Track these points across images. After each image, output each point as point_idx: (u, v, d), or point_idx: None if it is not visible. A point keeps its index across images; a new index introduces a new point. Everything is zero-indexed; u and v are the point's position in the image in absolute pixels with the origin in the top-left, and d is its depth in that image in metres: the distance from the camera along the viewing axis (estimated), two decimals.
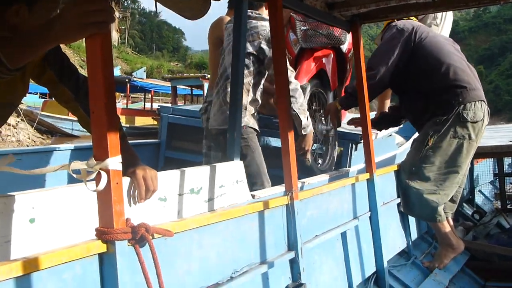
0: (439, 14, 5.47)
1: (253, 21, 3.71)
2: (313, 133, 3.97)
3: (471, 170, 7.41)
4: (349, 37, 4.70)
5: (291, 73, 3.65)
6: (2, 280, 1.31)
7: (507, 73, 79.23)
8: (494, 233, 6.24)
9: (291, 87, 3.54)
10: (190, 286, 2.03)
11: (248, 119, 3.64)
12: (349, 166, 4.52)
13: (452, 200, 4.60)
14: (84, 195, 1.79)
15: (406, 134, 6.28)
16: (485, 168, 8.45)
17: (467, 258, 5.15)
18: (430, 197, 4.30)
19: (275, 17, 2.77)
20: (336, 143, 4.73)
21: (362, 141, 4.32)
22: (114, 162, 1.53)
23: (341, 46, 4.74)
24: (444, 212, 4.53)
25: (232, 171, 2.73)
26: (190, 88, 24.63)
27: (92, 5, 1.47)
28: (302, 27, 4.56)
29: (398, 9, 3.73)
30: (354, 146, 4.60)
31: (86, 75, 2.24)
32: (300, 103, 3.71)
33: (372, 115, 5.08)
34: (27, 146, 16.52)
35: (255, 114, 3.80)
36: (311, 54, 4.52)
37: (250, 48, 3.64)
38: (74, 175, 1.57)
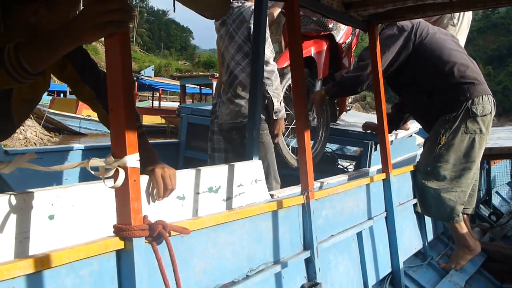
0: (456, 15, 5.44)
1: (246, 3, 3.78)
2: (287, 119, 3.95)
3: (488, 171, 7.37)
4: (344, 28, 4.73)
5: (270, 55, 3.64)
6: (21, 275, 1.33)
7: None
8: (511, 235, 6.18)
9: (267, 68, 3.54)
10: (206, 284, 2.03)
11: (262, 111, 3.56)
12: (369, 166, 4.51)
13: (470, 196, 4.57)
14: (103, 192, 1.80)
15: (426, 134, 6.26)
16: (502, 169, 8.37)
17: (483, 260, 5.10)
18: (448, 195, 4.30)
19: (292, 18, 2.77)
20: (324, 136, 4.65)
21: None
22: (132, 159, 1.54)
23: (335, 36, 4.71)
24: (465, 209, 4.54)
25: (251, 170, 2.73)
26: (199, 86, 24.66)
27: (111, 4, 1.48)
28: None
29: (415, 9, 3.71)
30: (374, 146, 4.58)
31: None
32: (275, 86, 3.67)
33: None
34: (35, 143, 16.62)
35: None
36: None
37: (241, 36, 3.68)
38: (93, 172, 1.58)
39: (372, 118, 5.04)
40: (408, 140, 5.57)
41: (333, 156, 5.10)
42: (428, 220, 4.77)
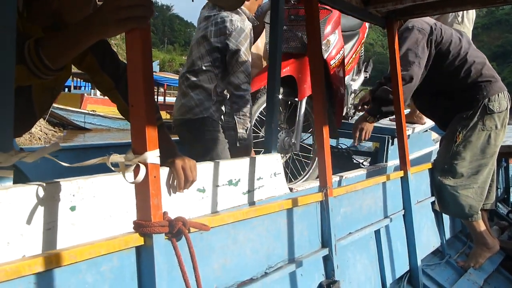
0: (460, 12, 5.37)
1: (224, 13, 3.58)
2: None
3: (507, 169, 7.31)
4: (334, 42, 4.30)
5: (244, 79, 3.47)
6: (42, 271, 1.33)
7: None
8: None
9: (237, 92, 3.45)
10: (225, 281, 2.03)
11: (214, 112, 3.50)
12: (386, 161, 4.48)
13: (488, 191, 4.55)
14: (124, 184, 1.80)
15: (441, 131, 6.21)
16: None
17: (502, 258, 5.06)
18: (465, 192, 4.30)
19: (312, 14, 2.76)
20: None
21: None
22: (152, 155, 1.54)
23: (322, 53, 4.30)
24: (484, 204, 4.54)
25: (270, 163, 2.72)
26: None
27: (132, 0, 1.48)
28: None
29: (434, 5, 3.67)
30: (391, 141, 4.54)
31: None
32: (243, 112, 3.48)
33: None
34: (39, 138, 16.68)
35: (223, 107, 3.66)
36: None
37: (215, 43, 3.52)
38: (113, 169, 1.58)
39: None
40: (424, 135, 5.52)
41: (348, 152, 5.08)
42: (446, 218, 4.75)
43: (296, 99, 4.01)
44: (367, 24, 4.90)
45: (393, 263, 3.59)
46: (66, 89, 31.96)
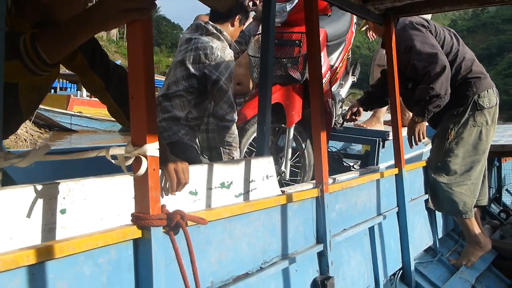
0: None
1: (205, 38, 3.47)
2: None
3: (499, 168, 7.34)
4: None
5: (228, 109, 3.38)
6: (40, 262, 1.32)
7: (504, 73, 78.07)
8: None
9: (222, 123, 3.38)
10: (221, 275, 2.03)
11: (184, 135, 3.43)
12: (377, 164, 4.48)
13: (481, 188, 4.60)
14: (115, 186, 1.80)
15: (430, 133, 6.21)
16: None
17: (494, 257, 5.09)
18: (459, 189, 4.32)
19: (311, 9, 2.75)
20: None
21: (389, 138, 4.29)
22: (152, 148, 1.54)
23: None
24: (479, 200, 4.58)
25: (262, 166, 2.71)
26: None
27: None
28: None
29: (432, 4, 3.69)
30: (381, 144, 4.55)
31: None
32: (229, 142, 3.41)
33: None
34: (25, 140, 16.55)
35: (196, 130, 3.59)
36: None
37: (192, 70, 3.40)
38: (113, 161, 1.57)
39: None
40: None
41: (338, 155, 5.06)
42: (439, 216, 4.76)
43: (284, 125, 3.88)
44: (353, 28, 4.79)
45: (386, 260, 3.60)
46: (52, 90, 31.76)
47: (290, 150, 3.85)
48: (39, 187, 1.56)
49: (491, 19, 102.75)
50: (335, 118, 4.51)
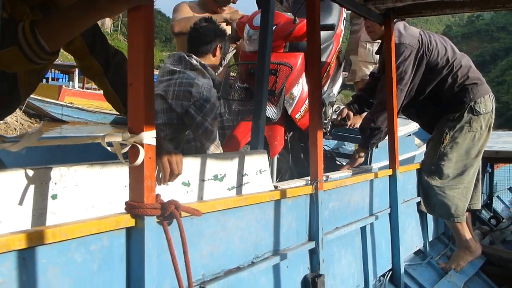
0: None
1: (190, 73, 3.28)
2: None
3: (491, 174, 7.35)
4: (297, 96, 3.80)
5: (215, 148, 3.21)
6: (32, 246, 1.31)
7: (497, 80, 78.44)
8: (510, 240, 6.17)
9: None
10: (212, 268, 2.01)
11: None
12: (370, 164, 4.46)
13: (474, 192, 4.61)
14: (108, 175, 1.78)
15: (423, 136, 6.20)
16: (504, 174, 8.34)
17: (482, 262, 5.10)
18: (452, 192, 4.33)
19: (313, 7, 2.74)
20: None
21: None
22: (149, 136, 1.52)
23: (287, 109, 3.77)
24: (472, 204, 4.62)
25: (256, 160, 2.69)
26: None
27: None
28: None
29: (433, 6, 3.68)
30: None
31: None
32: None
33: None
34: (15, 129, 16.42)
35: None
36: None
37: (174, 106, 3.19)
38: (109, 148, 1.55)
39: None
40: (408, 139, 5.50)
41: (331, 154, 5.04)
42: (430, 219, 4.76)
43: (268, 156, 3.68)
44: (342, 26, 4.65)
45: (376, 260, 3.59)
46: (44, 80, 31.63)
47: (275, 177, 3.68)
48: (31, 171, 1.54)
49: (486, 26, 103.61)
50: (325, 122, 4.37)
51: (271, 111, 3.55)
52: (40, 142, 1.67)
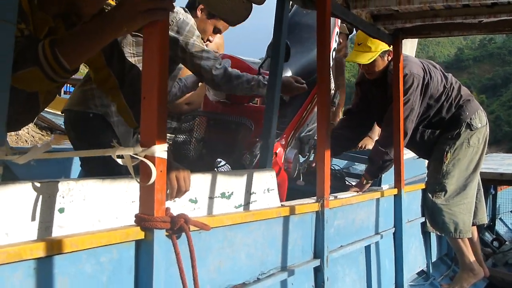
0: None
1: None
2: None
3: (495, 197, 7.33)
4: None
5: (214, 60, 3.04)
6: (42, 256, 1.31)
7: (508, 104, 78.75)
8: None
9: (216, 72, 3.04)
10: (218, 283, 2.01)
11: (113, 113, 2.88)
12: (379, 185, 4.43)
13: (476, 207, 4.68)
14: (115, 190, 1.78)
15: None
16: (507, 196, 8.32)
17: (485, 285, 5.08)
18: (458, 209, 4.38)
19: (323, 25, 2.75)
20: None
21: None
22: (160, 149, 1.52)
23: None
24: (478, 219, 4.72)
25: (264, 179, 2.67)
26: None
27: None
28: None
29: (442, 27, 3.71)
30: None
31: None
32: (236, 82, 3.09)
33: None
34: (26, 141, 16.40)
35: None
36: None
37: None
38: (119, 161, 1.56)
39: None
40: (418, 161, 5.50)
41: (341, 174, 5.03)
42: (433, 240, 4.76)
43: None
44: (334, 43, 4.41)
45: (380, 280, 3.58)
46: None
47: None
48: (39, 184, 1.54)
49: (498, 49, 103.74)
50: (301, 162, 4.06)
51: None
52: (50, 154, 1.66)
